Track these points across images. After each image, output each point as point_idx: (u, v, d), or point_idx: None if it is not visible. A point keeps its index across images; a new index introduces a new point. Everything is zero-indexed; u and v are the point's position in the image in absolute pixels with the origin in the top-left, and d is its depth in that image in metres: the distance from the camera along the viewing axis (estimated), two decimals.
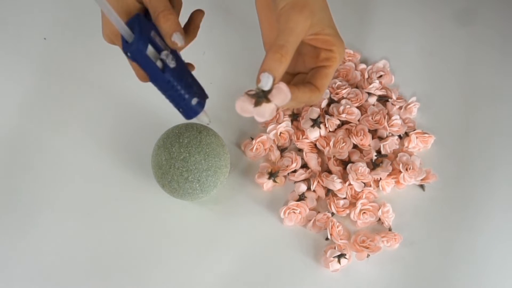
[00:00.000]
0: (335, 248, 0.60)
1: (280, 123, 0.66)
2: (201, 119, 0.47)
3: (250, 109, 0.41)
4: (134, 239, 0.63)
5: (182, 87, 0.44)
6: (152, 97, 0.70)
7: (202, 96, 0.46)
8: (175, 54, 0.43)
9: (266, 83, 0.39)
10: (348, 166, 0.64)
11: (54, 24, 0.75)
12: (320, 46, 0.45)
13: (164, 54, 0.42)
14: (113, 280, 0.61)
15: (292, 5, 0.41)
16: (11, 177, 0.66)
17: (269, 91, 0.40)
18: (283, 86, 0.40)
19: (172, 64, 0.42)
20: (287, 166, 0.64)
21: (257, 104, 0.40)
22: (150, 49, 0.41)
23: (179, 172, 0.56)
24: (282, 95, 0.40)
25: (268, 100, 0.40)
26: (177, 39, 0.42)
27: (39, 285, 0.60)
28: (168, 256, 0.62)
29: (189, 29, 0.47)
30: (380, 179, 0.64)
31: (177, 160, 0.56)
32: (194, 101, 0.45)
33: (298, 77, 0.49)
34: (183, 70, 0.44)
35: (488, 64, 0.74)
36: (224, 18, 0.76)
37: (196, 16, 0.47)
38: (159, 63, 0.42)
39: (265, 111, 0.40)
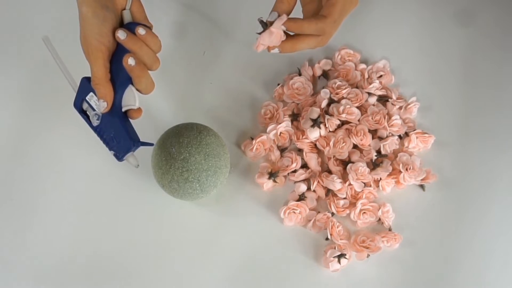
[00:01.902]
0: (335, 248, 0.60)
1: (280, 123, 0.66)
2: (130, 161, 0.55)
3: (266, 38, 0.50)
4: (134, 238, 0.63)
5: (103, 141, 0.55)
6: (152, 97, 0.70)
7: (123, 149, 0.54)
8: (104, 116, 0.54)
9: (272, 17, 0.49)
10: (348, 166, 0.64)
11: (54, 24, 0.75)
12: None
13: (91, 114, 0.55)
14: (113, 279, 0.61)
15: None
16: (10, 177, 0.66)
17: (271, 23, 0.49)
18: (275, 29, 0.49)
19: (95, 123, 0.54)
20: (287, 166, 0.64)
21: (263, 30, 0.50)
22: (86, 106, 0.55)
23: (179, 172, 0.56)
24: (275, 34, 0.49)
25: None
26: (100, 106, 0.52)
27: (39, 284, 0.60)
28: (168, 256, 0.62)
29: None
30: (380, 179, 0.64)
31: (177, 160, 0.56)
32: (111, 153, 0.55)
33: None
34: (106, 129, 0.54)
35: (488, 64, 0.74)
36: (224, 19, 0.76)
37: (134, 15, 0.53)
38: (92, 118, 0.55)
39: (266, 35, 0.49)
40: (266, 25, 0.49)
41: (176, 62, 0.73)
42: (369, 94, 0.68)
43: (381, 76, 0.71)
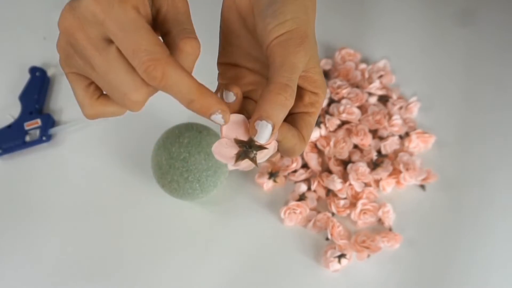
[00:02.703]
0: (335, 248, 0.60)
1: None
2: None
3: (228, 157, 0.33)
4: (134, 238, 0.63)
5: None
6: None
7: None
8: None
9: (263, 134, 0.31)
10: (349, 166, 0.63)
11: (54, 24, 0.75)
12: (306, 86, 0.37)
13: None
14: (112, 280, 0.60)
15: (291, 36, 0.34)
16: (10, 177, 0.66)
17: (259, 148, 0.32)
18: (274, 144, 0.33)
19: None
20: (287, 166, 0.64)
21: (238, 159, 0.33)
22: None
23: (179, 172, 0.56)
24: (268, 153, 0.34)
25: (252, 159, 0.33)
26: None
27: (39, 285, 0.60)
28: (168, 256, 0.62)
29: None
30: (381, 179, 0.64)
31: (177, 160, 0.56)
32: None
33: None
34: None
35: (489, 64, 0.74)
36: None
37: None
38: None
39: (243, 165, 0.34)
40: (251, 148, 0.33)
41: None
42: (370, 94, 0.68)
43: (381, 76, 0.71)
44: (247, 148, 0.32)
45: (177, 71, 0.30)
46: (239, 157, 0.32)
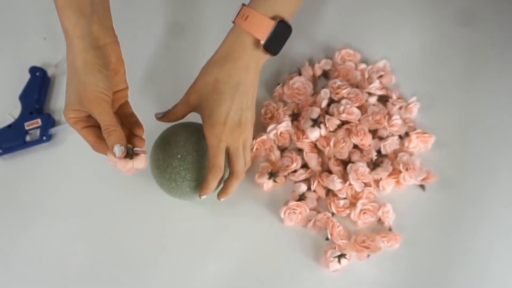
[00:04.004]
0: (335, 248, 0.60)
1: (280, 123, 0.65)
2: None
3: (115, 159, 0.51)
4: (133, 238, 0.63)
5: None
6: (150, 97, 0.70)
7: None
8: None
9: (119, 152, 0.50)
10: (349, 166, 0.63)
11: (54, 24, 0.75)
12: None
13: None
14: (112, 279, 0.61)
15: (188, 94, 0.57)
16: (12, 178, 0.67)
17: (137, 154, 0.51)
18: (144, 155, 0.52)
19: None
20: (287, 166, 0.64)
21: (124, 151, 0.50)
22: None
23: (177, 171, 0.56)
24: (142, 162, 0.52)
25: (131, 157, 0.51)
26: (116, 150, 0.50)
27: (40, 285, 0.60)
28: (167, 256, 0.62)
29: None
30: (380, 179, 0.64)
31: (175, 159, 0.56)
32: None
33: None
34: None
35: (489, 63, 0.74)
36: (224, 18, 0.76)
37: (136, 131, 0.55)
38: None
39: (124, 166, 0.51)
40: (131, 152, 0.51)
41: (176, 62, 0.73)
42: (369, 94, 0.68)
43: (381, 76, 0.71)
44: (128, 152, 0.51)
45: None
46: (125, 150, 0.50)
